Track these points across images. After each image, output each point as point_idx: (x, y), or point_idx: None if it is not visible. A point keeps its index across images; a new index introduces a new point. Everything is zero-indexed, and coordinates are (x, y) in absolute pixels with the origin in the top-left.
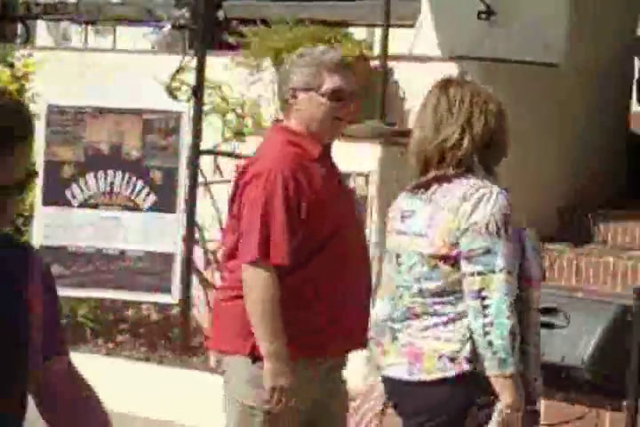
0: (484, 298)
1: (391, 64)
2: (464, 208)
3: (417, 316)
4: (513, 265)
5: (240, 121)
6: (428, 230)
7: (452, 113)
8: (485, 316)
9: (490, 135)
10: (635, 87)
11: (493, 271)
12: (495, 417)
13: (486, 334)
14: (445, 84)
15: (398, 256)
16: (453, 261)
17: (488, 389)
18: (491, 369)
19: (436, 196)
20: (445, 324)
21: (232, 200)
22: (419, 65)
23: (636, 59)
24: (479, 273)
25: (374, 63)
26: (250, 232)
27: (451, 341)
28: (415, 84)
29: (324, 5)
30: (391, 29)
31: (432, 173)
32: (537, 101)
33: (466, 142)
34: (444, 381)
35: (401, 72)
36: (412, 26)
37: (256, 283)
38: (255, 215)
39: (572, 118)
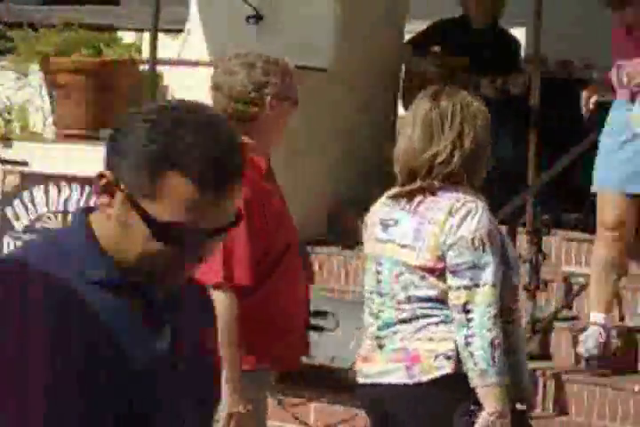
0: (468, 311)
1: (160, 68)
2: (450, 223)
3: (405, 321)
4: (498, 279)
5: (7, 126)
6: (415, 243)
7: (444, 128)
8: (468, 328)
9: (477, 150)
10: (400, 92)
11: (478, 285)
12: (479, 423)
13: (467, 345)
14: (436, 96)
15: (379, 264)
16: (439, 274)
17: None
18: (472, 379)
19: (420, 208)
20: (437, 324)
21: None
22: (188, 69)
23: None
24: (465, 287)
25: (143, 67)
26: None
27: (445, 340)
28: (185, 89)
29: (92, 10)
30: (161, 34)
31: (417, 184)
32: (308, 106)
33: (456, 158)
34: (441, 379)
35: (170, 76)
36: (181, 31)
37: (218, 306)
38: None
39: (342, 121)
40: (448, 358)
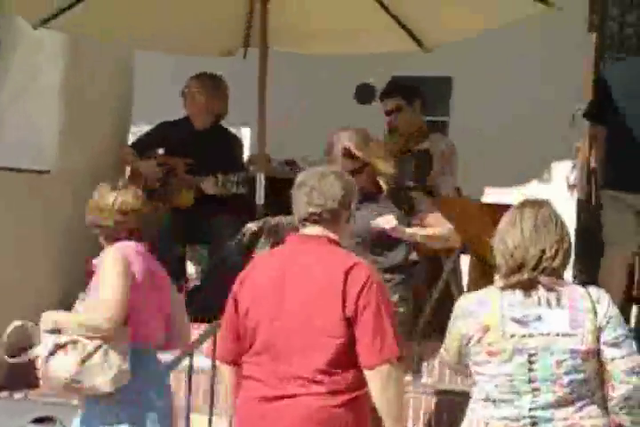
0: (638, 373)
1: None
2: (601, 309)
3: (568, 403)
4: None
5: None
6: (576, 330)
7: (549, 229)
8: None
9: (570, 250)
10: None
11: (635, 352)
12: None
13: None
14: (539, 204)
15: (531, 355)
16: (594, 353)
17: None
18: None
19: (564, 302)
20: (589, 404)
21: (344, 303)
22: None
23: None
24: (628, 354)
25: None
26: (385, 332)
27: (601, 417)
28: None
29: None
30: None
31: (525, 275)
32: (29, 207)
33: (560, 255)
34: None
35: None
36: None
37: (397, 379)
38: (385, 317)
39: (63, 222)
40: None
